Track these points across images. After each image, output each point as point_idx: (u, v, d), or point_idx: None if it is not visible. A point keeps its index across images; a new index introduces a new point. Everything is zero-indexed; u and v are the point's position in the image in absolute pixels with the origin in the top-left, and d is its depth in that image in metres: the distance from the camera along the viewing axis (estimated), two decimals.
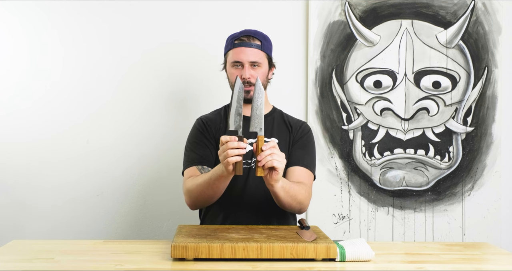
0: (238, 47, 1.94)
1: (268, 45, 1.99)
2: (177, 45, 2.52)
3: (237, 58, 1.94)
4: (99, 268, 1.43)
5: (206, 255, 1.46)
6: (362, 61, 2.53)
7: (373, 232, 2.54)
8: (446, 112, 2.54)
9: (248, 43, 1.94)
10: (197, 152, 1.96)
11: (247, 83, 1.93)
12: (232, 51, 1.95)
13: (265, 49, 1.97)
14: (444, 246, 1.79)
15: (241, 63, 1.93)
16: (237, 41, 1.95)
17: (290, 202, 1.81)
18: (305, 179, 1.93)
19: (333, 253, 1.49)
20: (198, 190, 1.84)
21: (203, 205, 1.93)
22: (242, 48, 1.93)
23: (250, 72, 1.93)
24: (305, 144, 2.00)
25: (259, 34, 1.99)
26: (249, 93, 1.94)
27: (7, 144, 2.50)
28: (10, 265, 1.47)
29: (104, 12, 2.51)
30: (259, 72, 1.94)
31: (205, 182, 1.80)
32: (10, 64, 2.51)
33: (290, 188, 1.79)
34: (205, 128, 2.00)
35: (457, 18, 2.53)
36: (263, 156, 1.61)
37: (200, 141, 1.98)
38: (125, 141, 2.53)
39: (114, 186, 2.53)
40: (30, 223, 2.50)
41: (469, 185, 2.55)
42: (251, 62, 1.93)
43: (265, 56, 1.97)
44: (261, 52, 1.96)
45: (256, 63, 1.94)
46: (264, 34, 2.01)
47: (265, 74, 1.98)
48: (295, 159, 1.96)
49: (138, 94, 2.54)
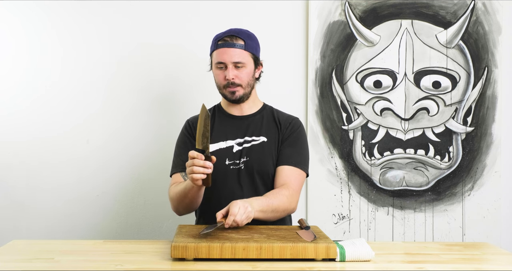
0: (221, 48, 1.91)
1: (252, 44, 1.95)
2: (177, 45, 2.52)
3: (220, 59, 1.92)
4: (99, 268, 1.43)
5: (206, 255, 1.46)
6: (362, 61, 2.53)
7: (373, 232, 2.54)
8: (446, 112, 2.54)
9: (231, 43, 1.91)
10: (182, 157, 1.97)
11: (232, 84, 1.92)
12: (216, 52, 1.93)
13: (249, 48, 1.93)
14: (444, 246, 1.79)
15: (225, 64, 1.92)
16: (220, 42, 1.92)
17: (273, 216, 1.82)
18: (292, 179, 1.91)
19: (333, 253, 1.49)
20: (177, 199, 1.87)
21: (186, 212, 1.94)
22: (225, 48, 1.91)
23: (234, 72, 1.91)
24: (295, 141, 1.97)
25: (243, 33, 1.95)
26: (234, 94, 1.93)
27: (7, 144, 2.50)
28: (10, 265, 1.47)
29: (103, 12, 2.51)
30: (243, 72, 1.92)
31: (181, 191, 1.83)
32: (10, 64, 2.51)
33: (267, 206, 1.78)
34: (190, 131, 2.01)
35: (457, 18, 2.53)
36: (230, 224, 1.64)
37: (184, 146, 1.98)
38: (125, 140, 2.53)
39: (114, 186, 2.53)
40: (30, 223, 2.50)
41: (469, 185, 2.55)
42: (234, 62, 1.91)
43: (249, 56, 1.94)
44: (245, 52, 1.92)
45: (239, 63, 1.91)
46: (249, 33, 1.97)
47: (250, 73, 1.95)
48: (283, 158, 1.94)
49: (138, 94, 2.53)
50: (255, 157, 1.94)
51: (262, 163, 1.94)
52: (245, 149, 1.95)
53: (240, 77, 1.92)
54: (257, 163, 1.93)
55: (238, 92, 1.93)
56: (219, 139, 1.97)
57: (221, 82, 1.94)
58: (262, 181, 1.94)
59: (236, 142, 1.96)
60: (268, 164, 1.94)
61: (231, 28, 1.98)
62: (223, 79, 1.93)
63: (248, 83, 1.94)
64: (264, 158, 1.94)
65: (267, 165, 1.94)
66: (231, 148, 1.96)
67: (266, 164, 1.94)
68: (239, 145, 1.96)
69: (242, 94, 1.94)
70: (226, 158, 1.94)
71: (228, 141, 1.97)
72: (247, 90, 1.95)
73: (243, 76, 1.92)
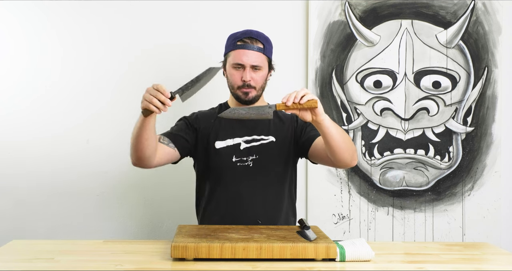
0: (241, 49, 1.92)
1: (269, 48, 1.99)
2: (177, 45, 2.52)
3: (239, 60, 1.92)
4: (99, 268, 1.43)
5: (206, 255, 1.46)
6: (362, 61, 2.53)
7: (373, 232, 2.54)
8: (446, 112, 2.54)
9: (251, 45, 1.93)
10: (172, 130, 1.99)
11: (247, 86, 1.93)
12: (234, 52, 1.94)
13: (267, 52, 1.96)
14: (444, 246, 1.79)
15: (243, 66, 1.93)
16: (239, 43, 1.93)
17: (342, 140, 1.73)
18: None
19: (333, 253, 1.49)
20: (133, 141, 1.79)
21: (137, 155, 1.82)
22: (245, 50, 1.92)
23: (251, 75, 1.93)
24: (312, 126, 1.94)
25: (262, 36, 1.98)
26: (248, 95, 1.95)
27: (7, 144, 2.50)
28: (10, 265, 1.48)
29: (103, 12, 2.51)
30: (259, 75, 1.94)
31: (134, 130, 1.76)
32: (10, 64, 2.51)
33: (337, 126, 1.74)
34: (194, 120, 2.02)
35: (457, 18, 2.53)
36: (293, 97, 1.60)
37: (180, 125, 2.01)
38: (125, 140, 2.51)
39: (114, 185, 2.53)
40: (30, 223, 2.50)
41: (469, 185, 2.55)
42: (253, 65, 1.93)
43: (266, 59, 1.96)
44: (263, 55, 1.95)
45: (257, 67, 1.93)
46: (266, 36, 2.00)
47: (264, 77, 1.97)
48: (314, 132, 1.92)
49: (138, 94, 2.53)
50: (266, 155, 1.96)
51: (273, 162, 1.96)
52: (254, 147, 1.97)
53: (255, 80, 1.94)
54: (268, 161, 1.96)
55: (251, 93, 1.95)
56: (227, 136, 1.99)
57: (236, 82, 1.95)
58: (270, 179, 1.97)
59: (243, 140, 1.97)
60: (279, 163, 1.97)
61: (249, 30, 1.99)
62: (240, 80, 1.94)
63: (261, 86, 1.97)
64: (275, 156, 1.97)
65: (278, 164, 1.97)
66: (238, 145, 1.97)
67: (276, 162, 1.97)
68: (246, 142, 1.98)
69: (255, 96, 1.96)
70: (233, 155, 1.96)
71: (236, 138, 1.98)
72: (259, 93, 1.98)
73: (258, 79, 1.94)
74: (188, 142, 1.96)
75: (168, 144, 1.91)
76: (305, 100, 1.62)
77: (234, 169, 1.95)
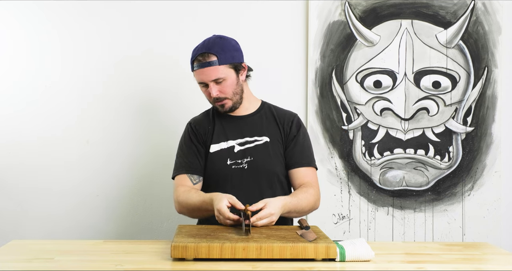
0: (198, 69, 1.92)
1: (226, 55, 1.92)
2: (178, 45, 2.52)
3: (200, 80, 1.94)
4: (99, 268, 1.43)
5: (206, 255, 1.46)
6: (362, 61, 2.53)
7: (373, 232, 2.54)
8: (446, 112, 2.54)
9: (204, 63, 1.90)
10: (187, 159, 1.99)
11: (217, 99, 1.94)
12: (195, 73, 1.95)
13: (224, 61, 1.91)
14: (444, 246, 1.79)
15: (205, 83, 1.93)
16: (195, 63, 1.93)
17: (303, 213, 1.91)
18: (310, 177, 1.98)
19: (333, 253, 1.49)
20: (189, 208, 1.91)
21: (190, 217, 2.00)
22: (201, 69, 1.91)
23: (216, 88, 1.92)
24: (301, 140, 2.00)
25: (215, 46, 1.92)
26: (224, 106, 1.96)
27: (7, 144, 2.50)
28: (10, 265, 1.48)
29: (103, 12, 2.51)
30: (225, 85, 1.92)
31: (196, 205, 1.87)
32: (10, 64, 2.51)
33: (297, 205, 1.85)
34: (194, 134, 2.02)
35: (457, 18, 2.53)
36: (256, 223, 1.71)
37: (189, 148, 2.00)
38: (125, 140, 2.53)
39: (114, 186, 2.53)
40: (30, 223, 2.50)
41: (469, 185, 2.55)
42: (213, 80, 1.91)
43: (226, 68, 1.91)
44: (220, 67, 1.90)
45: (219, 79, 1.91)
46: (221, 43, 1.93)
47: (233, 84, 1.94)
48: (296, 160, 1.98)
49: (139, 94, 2.53)
50: (260, 157, 1.96)
51: (268, 163, 1.96)
52: (249, 149, 1.96)
53: (223, 91, 1.93)
54: (262, 163, 1.95)
55: (227, 104, 1.96)
56: (220, 139, 1.99)
57: (209, 98, 1.98)
58: (267, 181, 1.96)
59: (237, 142, 1.97)
60: (274, 163, 1.97)
61: (202, 43, 1.95)
62: (209, 96, 1.96)
63: (234, 93, 1.96)
64: (270, 157, 1.96)
65: (273, 164, 1.97)
66: (232, 148, 1.97)
67: (272, 163, 1.96)
68: (240, 145, 1.98)
69: (231, 105, 1.97)
70: (227, 158, 1.96)
71: (229, 141, 1.98)
72: (235, 99, 1.97)
73: (226, 89, 1.93)
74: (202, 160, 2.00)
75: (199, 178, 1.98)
76: (259, 225, 1.72)
77: (229, 172, 1.95)
